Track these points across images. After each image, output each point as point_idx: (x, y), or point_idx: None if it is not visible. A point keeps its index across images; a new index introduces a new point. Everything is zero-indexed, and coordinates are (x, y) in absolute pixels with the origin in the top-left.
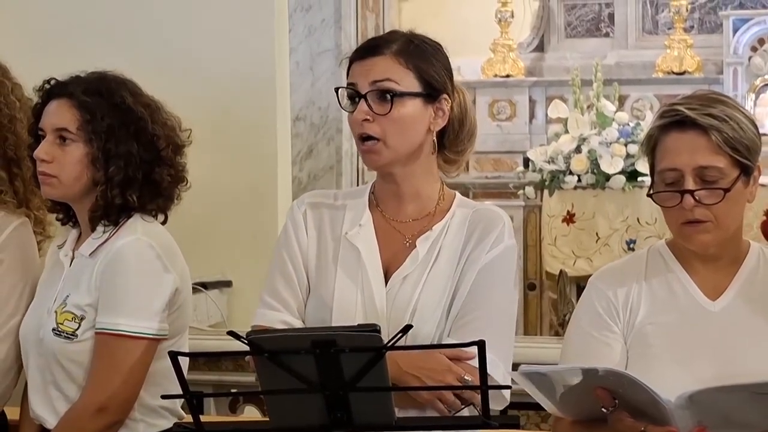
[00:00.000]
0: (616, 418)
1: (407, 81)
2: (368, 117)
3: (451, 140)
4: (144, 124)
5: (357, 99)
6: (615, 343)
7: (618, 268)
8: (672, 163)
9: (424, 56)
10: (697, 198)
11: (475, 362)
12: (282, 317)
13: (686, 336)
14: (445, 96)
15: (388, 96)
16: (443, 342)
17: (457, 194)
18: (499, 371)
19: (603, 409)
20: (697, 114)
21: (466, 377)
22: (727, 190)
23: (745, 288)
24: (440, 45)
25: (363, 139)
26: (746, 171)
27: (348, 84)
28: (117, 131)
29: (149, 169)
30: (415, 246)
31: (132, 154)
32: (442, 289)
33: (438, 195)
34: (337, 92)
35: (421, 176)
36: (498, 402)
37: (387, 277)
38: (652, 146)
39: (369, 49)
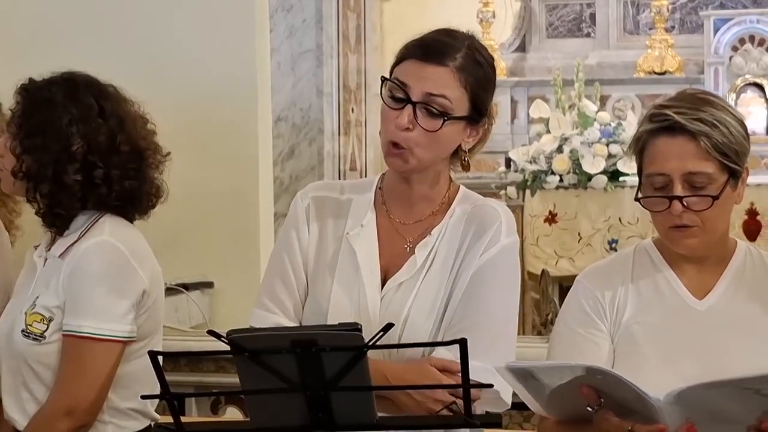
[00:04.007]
0: (601, 417)
1: (461, 103)
2: (410, 126)
3: (471, 149)
4: (62, 121)
5: (404, 101)
6: (602, 341)
7: (604, 267)
8: (661, 168)
9: (482, 79)
10: (685, 204)
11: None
12: (277, 320)
13: (673, 335)
14: (486, 119)
15: (441, 118)
16: (434, 353)
17: (461, 188)
18: (497, 379)
19: (588, 408)
20: (687, 119)
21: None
22: (716, 198)
23: (731, 287)
24: (493, 60)
25: (393, 143)
26: (734, 175)
27: (399, 81)
28: (34, 124)
29: (61, 167)
30: (414, 252)
31: (45, 149)
32: (434, 297)
33: (444, 194)
34: (383, 82)
35: (434, 179)
36: (498, 406)
37: (384, 280)
38: (640, 149)
39: (433, 53)
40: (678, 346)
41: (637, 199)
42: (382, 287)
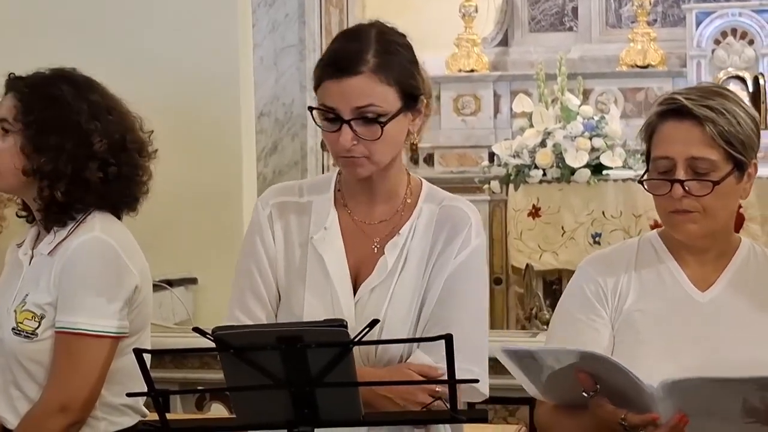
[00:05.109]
0: (596, 403)
1: (391, 100)
2: (354, 141)
3: (419, 130)
4: (78, 118)
5: (338, 122)
6: (603, 328)
7: (608, 255)
8: (665, 152)
9: (401, 64)
10: (686, 188)
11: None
12: None
13: (673, 324)
14: (422, 96)
15: (377, 123)
16: (413, 354)
17: (424, 184)
18: (474, 376)
19: (584, 394)
20: (695, 104)
21: (437, 389)
22: (716, 183)
23: (734, 281)
24: (405, 36)
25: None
26: (740, 166)
27: (326, 106)
28: (48, 123)
29: (80, 164)
30: (383, 252)
31: (62, 147)
32: (409, 301)
33: (405, 189)
34: (311, 112)
35: (393, 175)
36: (475, 396)
37: (356, 284)
38: (649, 133)
39: (343, 66)
40: (678, 336)
41: (640, 181)
42: (354, 291)
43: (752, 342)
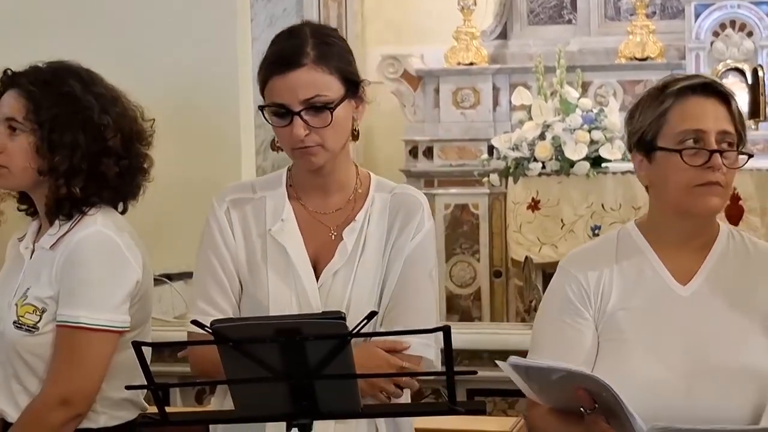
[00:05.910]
0: (592, 420)
1: (335, 88)
2: (307, 131)
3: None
4: (91, 113)
5: (289, 116)
6: (586, 329)
7: (588, 251)
8: (696, 125)
9: (339, 54)
10: (723, 160)
11: (412, 351)
12: None
13: (657, 322)
14: (362, 84)
15: (327, 109)
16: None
17: (371, 175)
18: (431, 351)
19: (582, 409)
20: (717, 81)
21: (404, 365)
22: (750, 156)
23: (714, 272)
24: (337, 29)
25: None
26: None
27: (275, 104)
28: (62, 121)
29: (96, 159)
30: (342, 238)
31: (77, 144)
32: (371, 283)
33: (355, 179)
34: (262, 111)
35: (343, 165)
36: (426, 365)
37: (317, 272)
38: (661, 111)
39: (287, 61)
40: (662, 333)
41: (678, 151)
42: (316, 277)
43: (735, 336)
